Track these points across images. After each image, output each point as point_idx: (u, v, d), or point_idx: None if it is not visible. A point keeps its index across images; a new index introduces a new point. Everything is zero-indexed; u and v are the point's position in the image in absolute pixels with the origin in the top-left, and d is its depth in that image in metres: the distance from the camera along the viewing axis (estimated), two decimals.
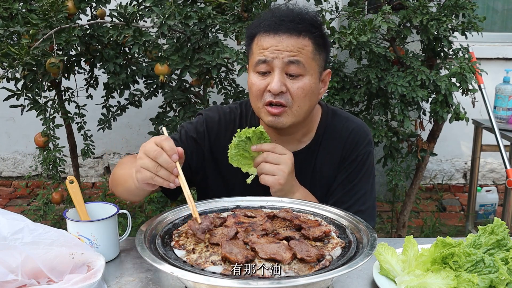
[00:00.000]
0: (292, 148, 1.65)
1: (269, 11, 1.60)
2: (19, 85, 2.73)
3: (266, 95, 1.53)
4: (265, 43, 1.51)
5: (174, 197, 1.75)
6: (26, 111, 2.75)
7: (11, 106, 2.72)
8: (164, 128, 1.43)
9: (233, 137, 1.50)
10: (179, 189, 1.35)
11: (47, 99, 2.82)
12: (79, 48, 2.76)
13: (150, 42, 2.61)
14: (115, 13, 2.58)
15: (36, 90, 2.68)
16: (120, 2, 2.63)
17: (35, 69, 2.54)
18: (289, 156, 1.50)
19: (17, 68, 2.33)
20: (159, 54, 2.61)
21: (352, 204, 1.64)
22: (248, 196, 1.49)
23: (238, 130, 1.50)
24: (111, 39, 2.57)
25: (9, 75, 2.48)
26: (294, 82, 1.52)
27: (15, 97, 2.68)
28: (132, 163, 1.45)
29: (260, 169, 1.49)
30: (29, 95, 2.71)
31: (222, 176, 1.70)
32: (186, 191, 1.30)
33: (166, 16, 2.42)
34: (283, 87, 1.51)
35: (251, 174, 1.52)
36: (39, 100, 2.73)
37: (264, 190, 1.52)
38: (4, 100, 2.65)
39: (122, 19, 2.55)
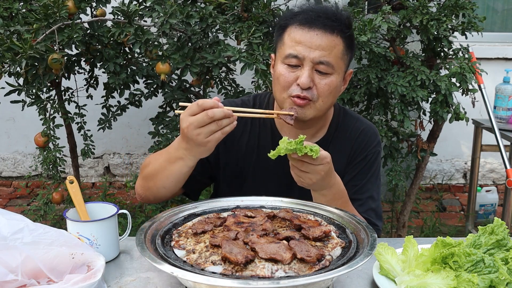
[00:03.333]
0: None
1: (305, 5, 1.62)
2: (20, 81, 2.72)
3: (294, 88, 1.55)
4: (298, 36, 1.53)
5: (195, 196, 1.76)
6: (28, 106, 2.73)
7: (12, 102, 2.71)
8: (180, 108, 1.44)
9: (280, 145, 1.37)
10: (199, 187, 1.57)
11: (48, 97, 2.81)
12: (79, 49, 2.76)
13: (151, 42, 2.61)
14: (117, 11, 2.58)
15: (38, 86, 2.68)
16: (122, 0, 2.63)
17: (37, 64, 2.53)
18: (322, 167, 1.39)
19: (20, 63, 2.32)
20: (160, 53, 2.61)
21: (364, 202, 1.67)
22: (257, 189, 1.51)
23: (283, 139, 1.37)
24: (113, 37, 2.57)
25: (11, 70, 2.48)
26: (321, 79, 1.55)
27: (17, 92, 2.67)
28: (170, 151, 1.49)
29: (291, 170, 1.43)
30: (31, 90, 2.70)
31: (234, 167, 1.71)
32: None
33: (168, 15, 2.43)
34: (311, 83, 1.53)
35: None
36: (41, 95, 2.73)
37: (273, 184, 1.52)
38: (5, 95, 2.64)
39: (124, 17, 2.55)
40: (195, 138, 1.37)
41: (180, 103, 1.48)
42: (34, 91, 2.70)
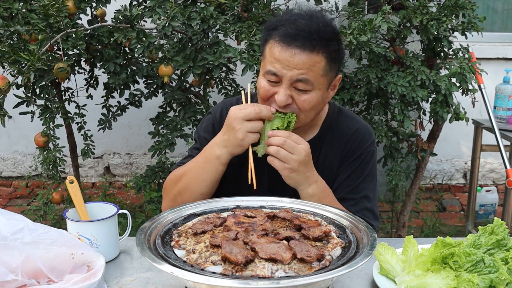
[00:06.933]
0: None
1: (290, 16, 1.56)
2: (27, 91, 2.70)
3: (273, 102, 1.55)
4: (277, 53, 1.51)
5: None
6: (37, 117, 2.72)
7: (21, 113, 2.70)
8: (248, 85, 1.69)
9: None
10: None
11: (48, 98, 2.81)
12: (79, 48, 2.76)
13: (152, 43, 2.61)
14: (120, 15, 2.57)
15: (47, 96, 2.67)
16: (125, 5, 2.63)
17: (43, 74, 2.53)
18: (304, 147, 1.49)
19: (28, 75, 2.31)
20: (163, 55, 2.61)
21: (358, 202, 1.66)
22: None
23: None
24: (117, 41, 2.57)
25: (19, 82, 2.47)
26: (300, 95, 1.53)
27: (25, 103, 2.66)
28: (206, 152, 1.59)
29: (275, 153, 1.49)
30: (38, 101, 2.69)
31: (231, 168, 1.69)
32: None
33: (170, 17, 2.43)
34: (289, 100, 1.53)
35: (257, 151, 1.54)
36: (49, 105, 2.72)
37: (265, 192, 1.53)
38: (14, 107, 2.63)
39: (126, 21, 2.55)
40: (237, 129, 1.49)
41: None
42: (43, 102, 2.69)
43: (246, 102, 1.64)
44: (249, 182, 1.54)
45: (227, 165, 1.61)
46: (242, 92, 1.66)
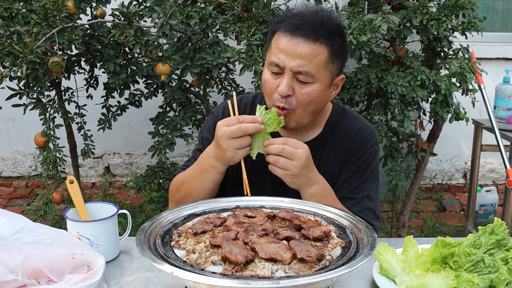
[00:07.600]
0: (300, 139, 1.66)
1: (296, 10, 1.61)
2: (21, 84, 2.72)
3: (276, 97, 1.57)
4: (281, 43, 1.54)
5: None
6: (30, 110, 2.74)
7: (14, 106, 2.71)
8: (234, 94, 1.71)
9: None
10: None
11: (48, 98, 2.82)
12: (79, 48, 2.76)
13: (151, 42, 2.61)
14: (117, 13, 2.58)
15: (39, 89, 2.68)
16: (122, 2, 2.63)
17: (37, 67, 2.53)
18: (303, 151, 1.49)
19: (20, 67, 2.32)
20: (161, 54, 2.61)
21: (359, 201, 1.66)
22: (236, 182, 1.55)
23: (258, 106, 1.55)
24: (113, 38, 2.58)
25: (12, 74, 2.48)
26: (301, 87, 1.55)
27: (18, 96, 2.67)
28: (202, 162, 1.60)
29: (274, 162, 1.49)
30: (32, 94, 2.71)
31: (231, 173, 1.71)
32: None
33: (168, 15, 2.43)
34: (290, 91, 1.54)
35: (251, 154, 1.54)
36: (42, 99, 2.73)
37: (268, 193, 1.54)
38: (6, 99, 2.64)
39: (124, 19, 2.55)
40: (224, 148, 1.49)
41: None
42: (35, 95, 2.70)
43: (234, 112, 1.64)
44: (245, 194, 1.54)
45: (227, 173, 1.63)
46: (229, 102, 1.66)
